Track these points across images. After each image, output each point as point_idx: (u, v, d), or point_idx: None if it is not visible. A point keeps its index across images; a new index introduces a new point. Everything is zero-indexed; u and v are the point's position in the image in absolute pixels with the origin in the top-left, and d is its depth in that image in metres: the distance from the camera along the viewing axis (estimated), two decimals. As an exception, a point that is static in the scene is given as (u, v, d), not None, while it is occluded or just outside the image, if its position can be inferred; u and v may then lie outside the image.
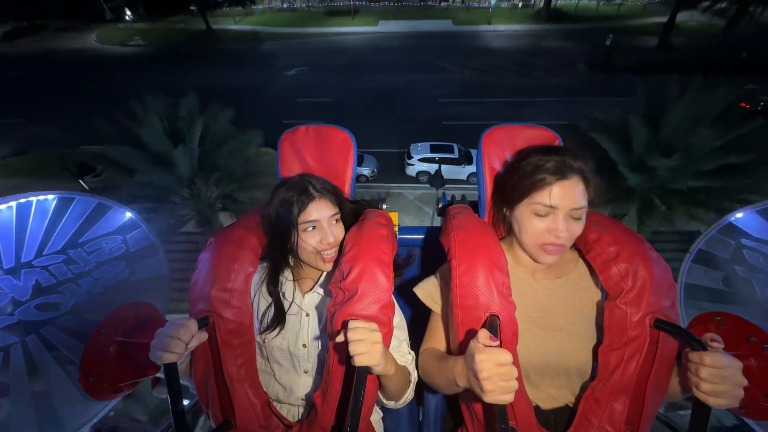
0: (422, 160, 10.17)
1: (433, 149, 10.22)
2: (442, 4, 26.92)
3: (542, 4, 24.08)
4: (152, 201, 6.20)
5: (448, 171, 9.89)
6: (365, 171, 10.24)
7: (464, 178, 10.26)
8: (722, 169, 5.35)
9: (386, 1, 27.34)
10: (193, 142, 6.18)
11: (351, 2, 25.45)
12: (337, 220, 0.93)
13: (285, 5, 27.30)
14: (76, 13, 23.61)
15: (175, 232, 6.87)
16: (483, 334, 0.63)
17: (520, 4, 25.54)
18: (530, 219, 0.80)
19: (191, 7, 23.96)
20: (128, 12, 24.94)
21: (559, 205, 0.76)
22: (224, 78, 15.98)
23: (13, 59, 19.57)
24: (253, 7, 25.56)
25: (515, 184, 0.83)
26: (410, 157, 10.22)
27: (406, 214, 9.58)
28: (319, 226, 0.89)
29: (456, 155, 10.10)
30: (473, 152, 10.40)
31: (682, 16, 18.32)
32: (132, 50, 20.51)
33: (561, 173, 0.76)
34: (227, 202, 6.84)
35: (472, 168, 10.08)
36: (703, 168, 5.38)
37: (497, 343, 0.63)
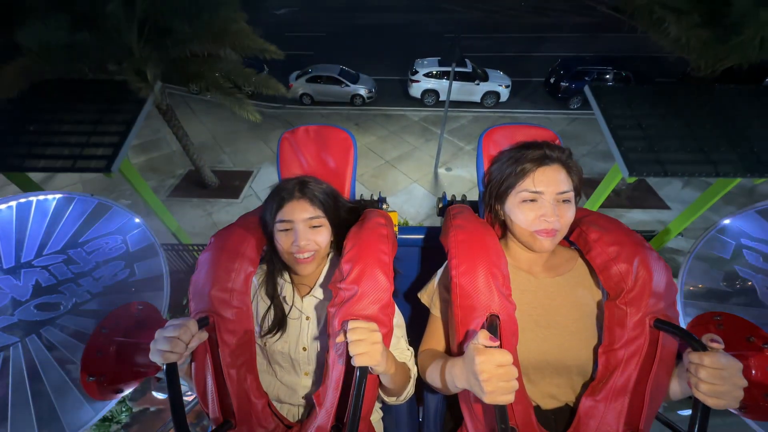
0: (429, 75, 9.23)
1: (441, 64, 9.29)
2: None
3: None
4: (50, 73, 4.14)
5: (459, 90, 8.97)
6: (361, 90, 9.48)
7: (478, 99, 9.36)
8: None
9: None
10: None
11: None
12: (317, 225, 0.90)
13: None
14: None
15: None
16: (482, 335, 0.63)
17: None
18: (520, 208, 0.82)
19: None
20: None
21: (543, 190, 0.79)
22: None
23: None
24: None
25: (500, 178, 0.86)
26: (415, 73, 9.33)
27: (410, 134, 8.83)
28: (293, 227, 0.87)
29: (469, 69, 9.12)
30: (489, 72, 9.48)
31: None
32: None
33: (541, 161, 0.81)
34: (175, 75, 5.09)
35: (487, 86, 9.18)
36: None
37: (497, 343, 0.63)
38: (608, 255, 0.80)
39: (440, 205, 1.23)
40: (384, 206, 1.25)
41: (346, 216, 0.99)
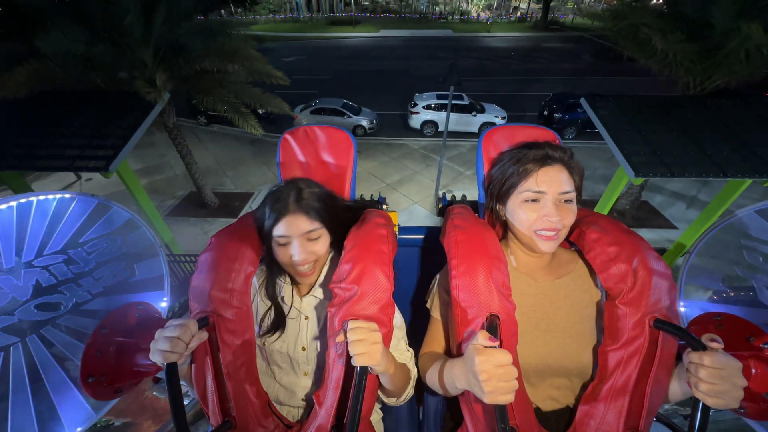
0: (428, 108, 9.64)
1: (439, 97, 9.73)
2: (441, 20, 28.70)
3: (539, 17, 24.82)
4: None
5: (457, 121, 9.39)
6: (363, 122, 9.85)
7: (476, 130, 9.71)
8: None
9: (387, 14, 28.94)
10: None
11: (353, 14, 26.13)
12: (315, 237, 0.88)
13: (288, 15, 27.84)
14: None
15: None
16: (482, 335, 0.64)
17: (517, 17, 26.33)
18: (522, 208, 0.82)
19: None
20: None
21: (546, 190, 0.79)
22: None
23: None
24: (257, 17, 25.87)
25: (502, 179, 0.86)
26: (414, 105, 9.74)
27: (411, 160, 9.17)
28: (291, 242, 0.86)
29: (466, 102, 9.55)
30: (486, 105, 9.92)
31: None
32: None
33: (543, 161, 0.81)
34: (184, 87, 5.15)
35: (484, 117, 9.59)
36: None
37: (497, 343, 0.63)
38: (608, 255, 0.80)
39: (440, 205, 1.23)
40: (384, 206, 1.25)
41: (345, 215, 0.98)
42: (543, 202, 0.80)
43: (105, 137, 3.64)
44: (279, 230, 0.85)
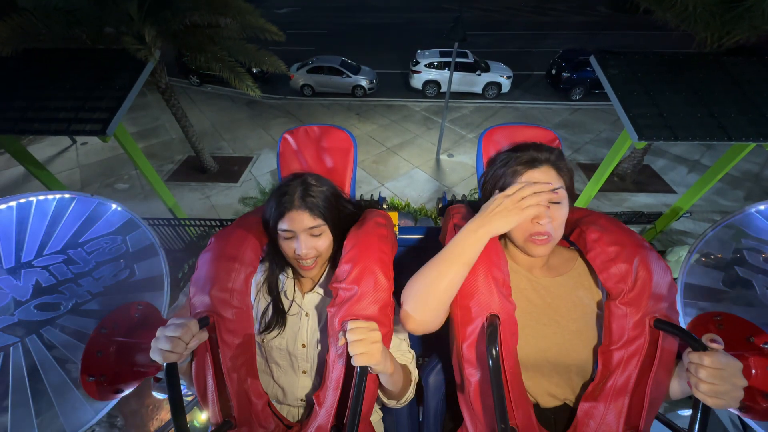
0: (430, 66, 9.26)
1: (443, 55, 9.33)
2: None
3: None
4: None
5: (461, 80, 8.99)
6: (362, 81, 9.50)
7: (479, 90, 9.33)
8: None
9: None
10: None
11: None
12: (318, 234, 0.90)
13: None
14: None
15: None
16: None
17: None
18: None
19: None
20: None
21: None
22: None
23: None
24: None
25: (493, 182, 0.87)
26: (416, 64, 9.37)
27: (412, 123, 8.88)
28: (295, 236, 0.88)
29: (471, 59, 9.13)
30: (491, 63, 9.48)
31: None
32: None
33: (530, 163, 0.81)
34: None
35: (488, 77, 9.14)
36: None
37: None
38: (608, 255, 0.80)
39: (440, 205, 1.23)
40: (384, 206, 1.25)
41: (348, 215, 0.99)
42: None
43: (99, 99, 3.51)
44: (284, 225, 0.88)
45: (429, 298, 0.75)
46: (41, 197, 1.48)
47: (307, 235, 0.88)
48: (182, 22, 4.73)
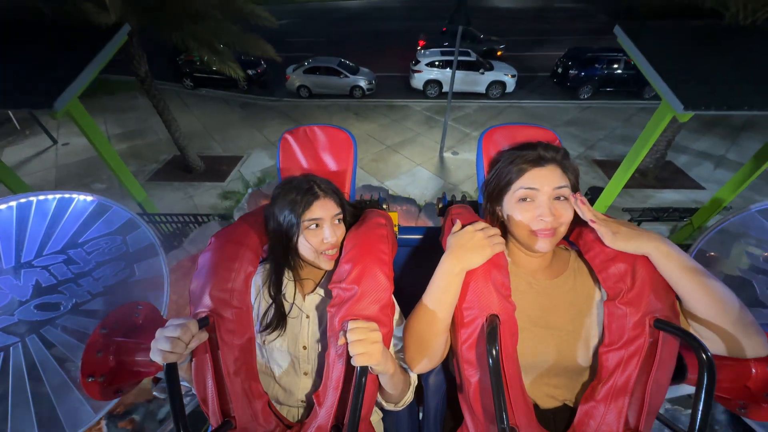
0: (431, 65, 9.02)
1: (444, 54, 9.11)
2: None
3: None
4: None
5: (463, 79, 8.72)
6: (361, 82, 9.36)
7: (483, 90, 9.09)
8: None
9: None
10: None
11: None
12: (339, 220, 0.94)
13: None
14: None
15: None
16: (457, 226, 0.84)
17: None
18: (518, 207, 0.82)
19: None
20: None
21: (539, 187, 0.79)
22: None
23: None
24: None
25: (497, 180, 0.87)
26: (417, 63, 9.16)
27: (413, 122, 8.74)
28: (322, 224, 0.90)
29: (473, 58, 8.85)
30: (494, 62, 9.24)
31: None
32: None
33: (536, 162, 0.82)
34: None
35: (492, 75, 8.86)
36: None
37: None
38: (607, 255, 0.80)
39: (440, 205, 1.23)
40: (384, 206, 1.25)
41: (350, 214, 1.00)
42: (537, 201, 0.80)
43: (52, 71, 3.20)
44: (313, 213, 0.89)
45: (429, 340, 0.80)
46: (41, 197, 1.48)
47: (333, 222, 0.91)
48: None
